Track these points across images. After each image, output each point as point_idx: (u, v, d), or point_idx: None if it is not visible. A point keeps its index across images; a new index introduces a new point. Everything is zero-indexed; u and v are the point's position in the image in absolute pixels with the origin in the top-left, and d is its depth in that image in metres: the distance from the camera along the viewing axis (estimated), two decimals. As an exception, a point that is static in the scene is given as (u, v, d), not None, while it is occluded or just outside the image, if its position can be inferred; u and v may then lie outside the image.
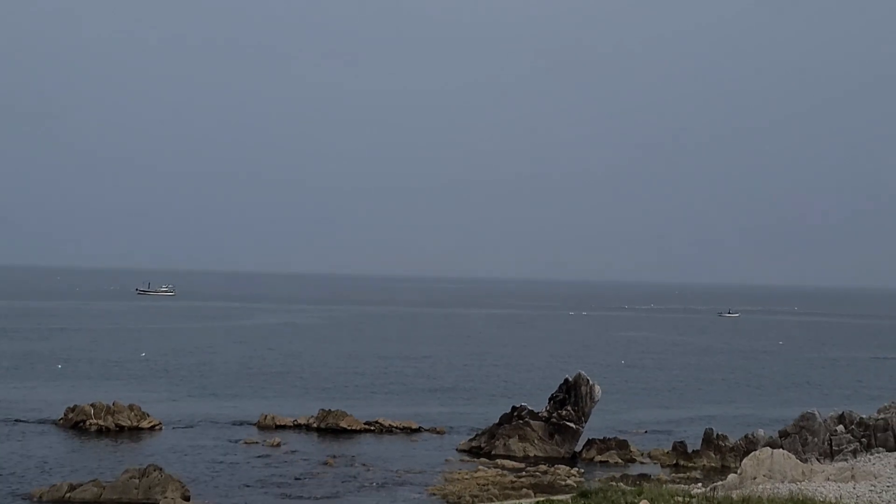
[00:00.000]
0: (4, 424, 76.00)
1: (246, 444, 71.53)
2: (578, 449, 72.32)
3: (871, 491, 37.78)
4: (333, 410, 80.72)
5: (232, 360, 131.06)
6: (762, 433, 65.86)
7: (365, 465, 65.19)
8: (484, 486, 58.37)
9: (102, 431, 74.73)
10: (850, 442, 58.20)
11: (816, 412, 61.88)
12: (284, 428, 78.70)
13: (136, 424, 76.17)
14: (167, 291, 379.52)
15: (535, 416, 72.89)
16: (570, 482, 60.57)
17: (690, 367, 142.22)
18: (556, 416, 72.77)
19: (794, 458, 42.60)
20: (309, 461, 65.92)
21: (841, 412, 61.99)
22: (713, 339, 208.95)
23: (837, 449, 58.04)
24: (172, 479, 54.32)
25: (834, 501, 35.24)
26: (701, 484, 50.08)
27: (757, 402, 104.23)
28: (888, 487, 38.45)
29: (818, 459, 53.76)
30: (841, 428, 59.60)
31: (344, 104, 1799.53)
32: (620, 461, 69.28)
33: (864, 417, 60.03)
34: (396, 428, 79.78)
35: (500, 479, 60.53)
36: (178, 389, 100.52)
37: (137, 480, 53.64)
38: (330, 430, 78.23)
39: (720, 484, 41.14)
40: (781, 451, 42.92)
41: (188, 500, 53.12)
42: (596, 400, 74.30)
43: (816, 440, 59.61)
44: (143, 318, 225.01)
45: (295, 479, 60.17)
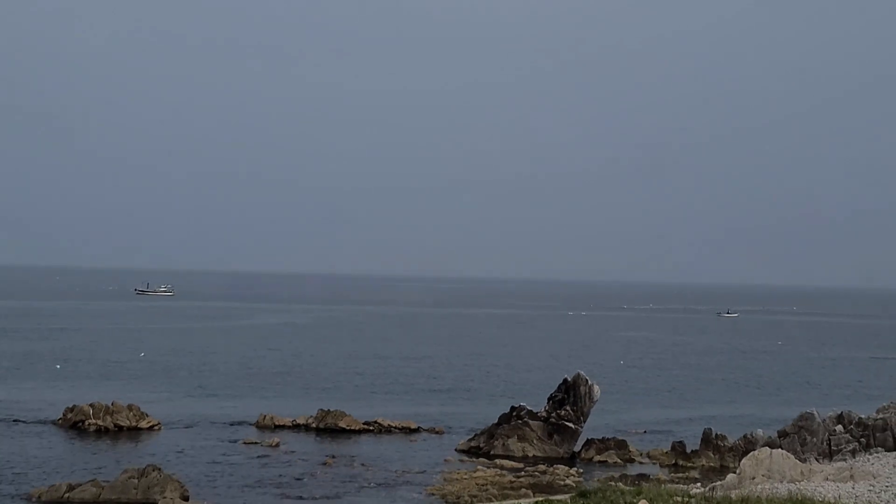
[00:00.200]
0: (3, 424, 76.00)
1: (245, 444, 71.53)
2: (577, 449, 72.32)
3: (869, 491, 37.78)
4: (332, 410, 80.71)
5: (231, 360, 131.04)
6: (761, 433, 65.84)
7: (364, 465, 65.20)
8: (483, 486, 58.37)
9: (101, 431, 74.75)
10: (848, 442, 58.13)
11: (815, 412, 61.84)
12: (283, 428, 78.71)
13: (134, 424, 76.19)
14: (166, 291, 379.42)
15: (533, 416, 72.89)
16: (568, 482, 60.59)
17: (689, 367, 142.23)
18: (554, 416, 72.78)
19: (792, 458, 42.58)
20: (308, 461, 65.93)
21: (840, 412, 61.90)
22: (712, 339, 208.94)
23: (836, 449, 57.99)
24: (171, 479, 54.35)
25: (833, 501, 35.22)
26: (700, 484, 50.03)
27: (756, 402, 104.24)
28: (887, 487, 38.46)
29: (817, 459, 53.69)
30: (840, 428, 59.55)
31: (344, 104, 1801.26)
32: (619, 461, 69.30)
33: (862, 417, 59.95)
34: (395, 428, 79.79)
35: (498, 479, 60.53)
36: (177, 389, 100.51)
37: (136, 480, 53.66)
38: (329, 430, 78.26)
39: (719, 484, 41.10)
40: (780, 451, 42.90)
41: (187, 500, 53.13)
42: (595, 400, 74.31)
43: (815, 440, 59.57)
44: (142, 318, 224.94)
45: (294, 479, 60.18)
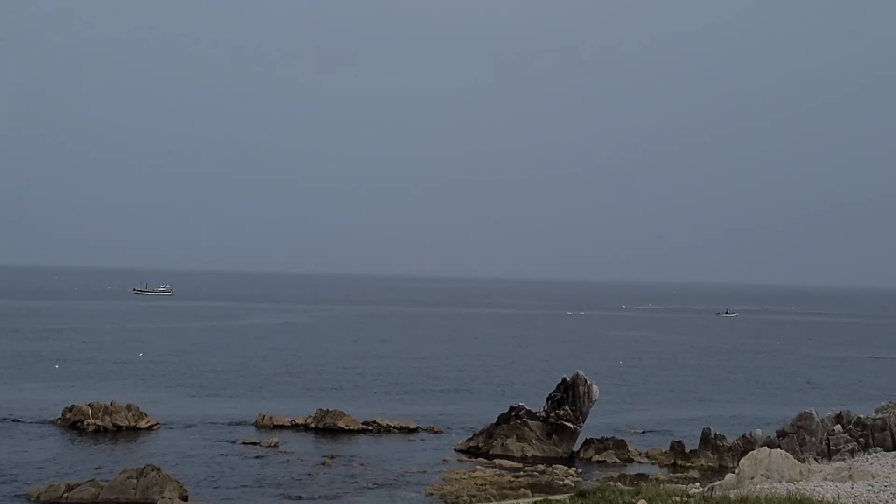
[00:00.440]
0: (2, 424, 75.96)
1: (244, 444, 71.46)
2: (576, 449, 72.30)
3: (868, 490, 37.79)
4: (331, 410, 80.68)
5: (230, 360, 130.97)
6: (760, 433, 65.84)
7: (363, 464, 65.16)
8: (482, 485, 58.32)
9: (100, 431, 74.71)
10: (847, 442, 58.12)
11: (814, 412, 61.84)
12: (282, 428, 78.67)
13: (133, 424, 76.15)
14: (165, 291, 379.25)
15: (532, 415, 72.86)
16: (567, 482, 60.57)
17: (688, 366, 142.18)
18: (553, 415, 72.75)
19: (791, 457, 42.57)
20: (307, 461, 65.89)
21: (839, 412, 61.89)
22: (711, 338, 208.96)
23: (835, 449, 57.98)
24: (170, 479, 54.31)
25: (831, 501, 35.21)
26: (699, 484, 49.99)
27: (755, 401, 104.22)
28: (885, 487, 38.46)
29: (816, 459, 53.69)
30: (838, 428, 59.53)
31: (344, 104, 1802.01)
32: (618, 461, 69.26)
33: (861, 417, 59.93)
34: (394, 428, 79.75)
35: (497, 478, 60.49)
36: (176, 389, 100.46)
37: (135, 480, 53.62)
38: (328, 429, 78.23)
39: (718, 484, 41.07)
40: (779, 450, 42.89)
41: (186, 500, 53.10)
42: (594, 400, 74.29)
43: (814, 440, 59.56)
44: (141, 318, 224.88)
45: (293, 479, 60.12)
